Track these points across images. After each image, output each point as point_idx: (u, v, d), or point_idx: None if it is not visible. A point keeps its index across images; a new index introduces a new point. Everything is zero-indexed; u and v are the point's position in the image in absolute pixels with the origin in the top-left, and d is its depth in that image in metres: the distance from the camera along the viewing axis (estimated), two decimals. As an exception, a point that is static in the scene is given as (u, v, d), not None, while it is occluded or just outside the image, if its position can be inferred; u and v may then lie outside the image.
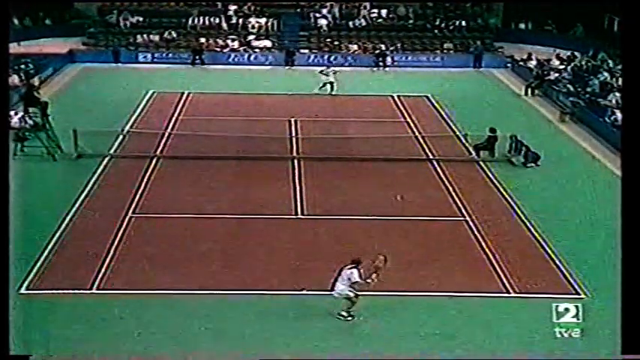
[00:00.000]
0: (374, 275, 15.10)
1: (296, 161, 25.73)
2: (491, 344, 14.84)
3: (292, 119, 30.74)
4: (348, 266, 15.25)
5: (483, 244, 19.41)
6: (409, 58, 44.27)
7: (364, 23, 46.69)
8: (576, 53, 40.42)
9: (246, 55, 43.21)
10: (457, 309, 16.13)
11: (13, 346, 11.06)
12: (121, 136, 27.47)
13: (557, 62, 39.76)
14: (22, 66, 35.45)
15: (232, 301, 16.35)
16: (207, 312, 15.87)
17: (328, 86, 36.05)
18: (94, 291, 16.71)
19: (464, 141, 27.94)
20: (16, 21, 42.42)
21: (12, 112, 25.13)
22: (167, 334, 15.02)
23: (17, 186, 11.51)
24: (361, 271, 15.23)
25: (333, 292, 15.45)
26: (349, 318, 15.47)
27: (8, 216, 10.86)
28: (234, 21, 46.36)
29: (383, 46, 44.15)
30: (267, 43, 44.92)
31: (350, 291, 15.26)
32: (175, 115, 31.80)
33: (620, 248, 11.15)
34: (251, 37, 45.10)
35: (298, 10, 47.61)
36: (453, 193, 23.05)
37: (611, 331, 13.16)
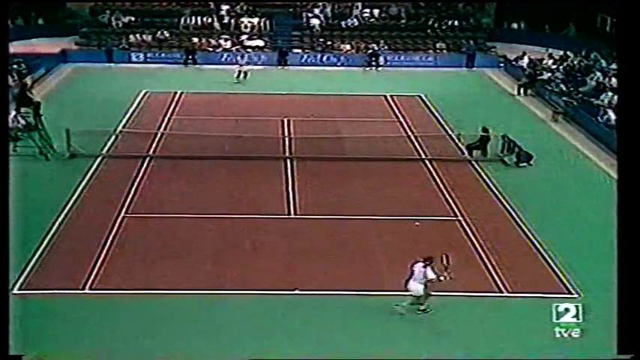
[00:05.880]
0: (445, 273, 15.31)
1: (289, 161, 25.70)
2: (486, 344, 14.86)
3: (285, 119, 30.72)
4: (420, 265, 15.48)
5: (476, 243, 19.44)
6: (402, 57, 44.20)
7: (356, 23, 46.65)
8: (569, 53, 40.41)
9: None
10: (452, 309, 16.10)
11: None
12: (113, 136, 27.40)
13: (549, 62, 39.79)
14: (15, 66, 35.19)
15: (225, 301, 16.31)
16: (200, 312, 15.85)
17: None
18: (86, 291, 16.67)
19: (456, 140, 27.95)
20: (8, 21, 42.21)
21: (4, 112, 25.04)
22: (160, 333, 14.99)
23: (10, 186, 11.42)
24: (435, 268, 15.44)
25: (411, 291, 15.66)
26: (428, 310, 15.79)
27: (8, 217, 10.81)
28: (226, 21, 46.28)
29: (375, 46, 44.05)
30: (260, 43, 44.85)
31: (424, 289, 15.55)
32: (168, 114, 31.72)
33: (615, 247, 11.14)
34: (243, 36, 45.05)
35: (291, 9, 47.58)
36: (446, 193, 23.07)
37: (608, 331, 13.14)
